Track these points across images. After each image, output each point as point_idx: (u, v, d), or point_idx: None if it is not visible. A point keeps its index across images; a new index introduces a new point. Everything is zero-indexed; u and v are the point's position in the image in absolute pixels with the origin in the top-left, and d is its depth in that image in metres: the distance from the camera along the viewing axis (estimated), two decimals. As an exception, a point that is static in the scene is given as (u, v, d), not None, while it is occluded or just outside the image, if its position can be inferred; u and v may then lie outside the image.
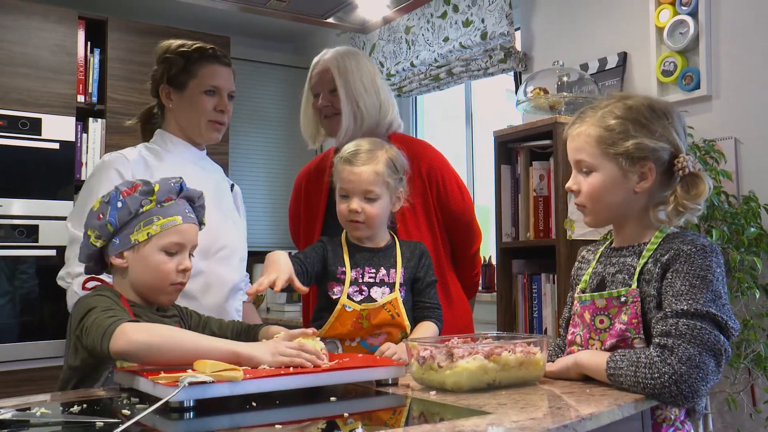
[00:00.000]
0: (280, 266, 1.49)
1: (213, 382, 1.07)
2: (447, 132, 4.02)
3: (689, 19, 2.54)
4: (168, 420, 1.04)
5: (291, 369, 1.20)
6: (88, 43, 3.60)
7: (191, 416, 1.05)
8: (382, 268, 1.66)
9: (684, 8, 2.56)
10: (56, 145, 3.41)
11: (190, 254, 1.45)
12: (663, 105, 1.32)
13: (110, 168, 1.73)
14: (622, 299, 1.27)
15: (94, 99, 3.62)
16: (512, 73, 3.34)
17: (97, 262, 1.43)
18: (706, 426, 2.26)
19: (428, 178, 1.96)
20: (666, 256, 1.25)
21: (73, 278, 1.61)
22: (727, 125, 2.45)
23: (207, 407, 1.07)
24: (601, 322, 1.29)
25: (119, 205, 1.37)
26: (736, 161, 2.41)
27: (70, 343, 1.34)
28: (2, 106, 3.31)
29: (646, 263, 1.28)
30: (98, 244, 1.39)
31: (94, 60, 3.62)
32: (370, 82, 1.98)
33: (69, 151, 3.46)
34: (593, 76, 2.84)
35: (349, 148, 1.68)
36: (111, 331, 1.19)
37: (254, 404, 1.10)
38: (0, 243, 3.23)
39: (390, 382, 1.28)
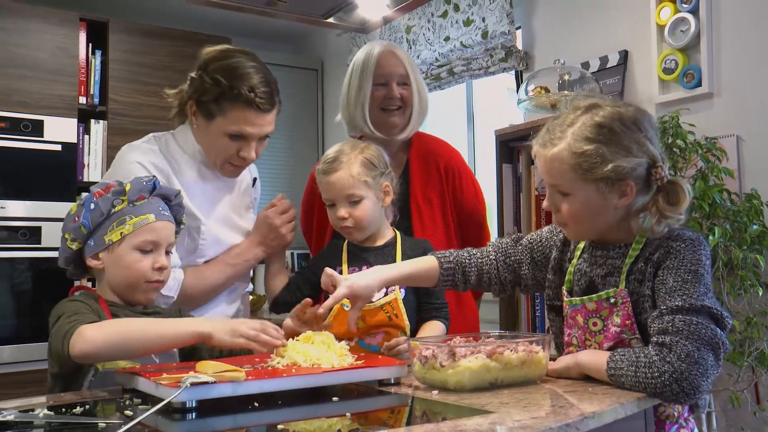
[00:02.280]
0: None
1: (215, 382, 1.07)
2: (448, 131, 4.02)
3: (690, 17, 2.53)
4: (170, 420, 1.04)
5: (293, 370, 1.20)
6: (90, 44, 3.60)
7: (193, 417, 1.05)
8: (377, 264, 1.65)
9: (685, 6, 2.56)
10: (58, 147, 3.42)
11: (168, 252, 1.44)
12: (632, 114, 1.27)
13: (133, 162, 1.64)
14: (612, 300, 1.26)
15: (96, 101, 3.62)
16: (513, 72, 3.34)
17: (77, 265, 1.44)
18: (710, 424, 2.26)
19: (445, 174, 1.99)
20: (656, 254, 1.24)
21: None
22: (729, 123, 2.44)
23: (209, 408, 1.07)
24: (594, 324, 1.29)
25: (92, 206, 1.37)
26: (738, 159, 2.40)
27: (50, 352, 1.33)
28: (4, 108, 3.31)
29: (634, 263, 1.27)
30: (74, 246, 1.39)
31: (96, 62, 3.62)
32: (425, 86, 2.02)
33: (71, 153, 3.46)
34: (594, 75, 2.83)
35: (326, 156, 1.69)
36: (70, 335, 1.19)
37: (256, 404, 1.10)
38: (2, 245, 3.24)
39: (392, 381, 1.28)
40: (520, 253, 1.47)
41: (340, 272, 1.65)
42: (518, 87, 3.16)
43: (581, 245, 1.39)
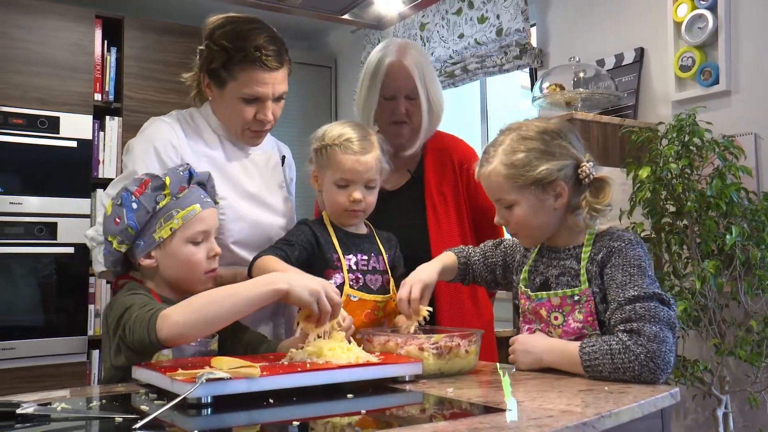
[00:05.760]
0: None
1: (230, 378, 1.07)
2: (462, 129, 4.01)
3: (708, 14, 2.51)
4: (185, 416, 1.04)
5: (308, 365, 1.20)
6: (105, 41, 3.63)
7: (209, 412, 1.05)
8: (372, 254, 1.65)
9: (702, 2, 2.53)
10: (74, 143, 3.45)
11: (214, 233, 1.44)
12: (554, 126, 1.43)
13: (150, 148, 1.63)
14: (575, 298, 1.37)
15: (111, 97, 3.64)
16: (527, 69, 3.32)
17: (122, 264, 1.42)
18: (726, 425, 2.24)
19: (460, 169, 1.97)
20: (600, 255, 1.37)
21: (99, 244, 1.58)
22: (746, 121, 2.42)
23: (224, 404, 1.07)
24: (556, 318, 1.40)
25: (134, 206, 1.34)
26: (756, 157, 2.38)
27: (111, 344, 1.33)
28: (22, 105, 3.35)
29: (586, 264, 1.39)
30: (123, 248, 1.38)
31: (111, 59, 3.65)
32: (438, 85, 1.96)
33: (86, 149, 3.49)
34: (610, 72, 2.82)
35: (343, 134, 1.62)
36: (154, 322, 1.20)
37: (271, 401, 1.11)
38: (20, 240, 3.28)
39: (407, 379, 1.28)
40: (497, 256, 1.62)
41: (337, 259, 1.60)
42: (532, 84, 3.14)
43: (536, 250, 1.51)
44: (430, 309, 1.49)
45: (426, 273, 1.53)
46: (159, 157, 1.61)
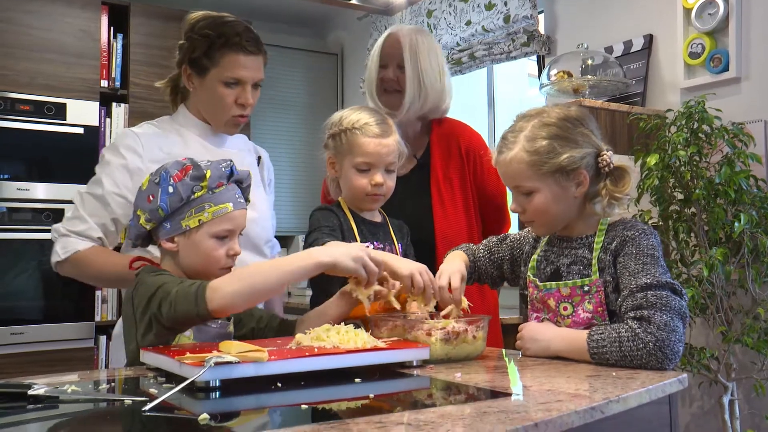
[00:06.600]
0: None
1: (238, 362, 1.08)
2: (469, 116, 3.99)
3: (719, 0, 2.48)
4: (194, 399, 1.05)
5: (315, 350, 1.21)
6: (111, 28, 3.62)
7: (217, 396, 1.06)
8: (387, 243, 1.65)
9: (713, -12, 2.51)
10: (80, 130, 3.45)
11: (240, 232, 1.46)
12: (575, 113, 1.42)
13: (115, 159, 1.69)
14: (585, 288, 1.37)
15: (117, 84, 3.64)
16: (535, 56, 3.30)
17: (144, 240, 1.45)
18: (732, 412, 2.24)
19: (467, 155, 1.97)
20: (613, 244, 1.37)
21: (61, 236, 1.64)
22: (756, 108, 2.40)
23: (232, 387, 1.08)
24: (565, 309, 1.39)
25: (170, 190, 1.36)
26: (766, 144, 2.36)
27: (138, 326, 1.33)
28: (28, 91, 3.35)
29: (598, 254, 1.38)
30: (148, 226, 1.40)
31: (117, 45, 3.64)
32: (437, 65, 1.97)
33: (93, 136, 3.49)
34: (618, 59, 2.80)
35: (361, 118, 1.64)
36: (202, 293, 1.23)
37: (279, 385, 1.11)
38: (26, 226, 3.29)
39: (415, 364, 1.28)
40: (504, 251, 1.60)
41: None
42: (540, 72, 3.13)
43: (545, 239, 1.50)
44: (471, 304, 1.46)
45: (458, 265, 1.51)
46: (126, 167, 1.67)
